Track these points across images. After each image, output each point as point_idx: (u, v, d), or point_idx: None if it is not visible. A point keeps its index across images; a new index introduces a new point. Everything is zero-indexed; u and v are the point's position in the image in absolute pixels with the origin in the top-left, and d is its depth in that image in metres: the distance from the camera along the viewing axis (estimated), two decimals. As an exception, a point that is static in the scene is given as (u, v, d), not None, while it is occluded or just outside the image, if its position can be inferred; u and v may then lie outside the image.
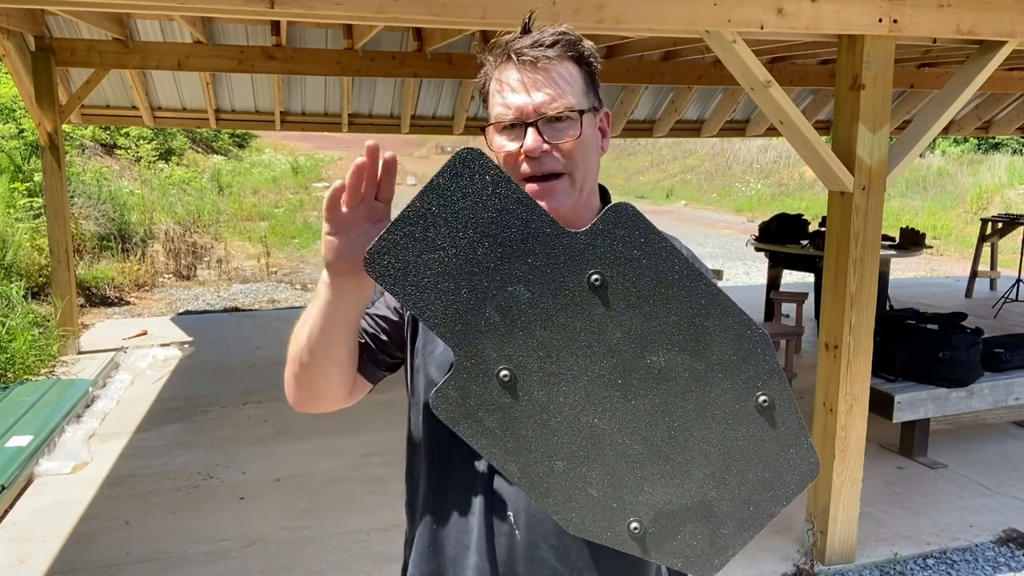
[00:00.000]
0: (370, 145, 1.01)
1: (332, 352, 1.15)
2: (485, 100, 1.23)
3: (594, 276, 0.91)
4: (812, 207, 14.54)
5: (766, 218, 7.81)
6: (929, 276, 11.24)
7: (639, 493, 0.97)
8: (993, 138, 17.21)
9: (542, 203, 1.14)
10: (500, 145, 1.18)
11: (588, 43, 1.20)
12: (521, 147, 1.15)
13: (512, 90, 1.16)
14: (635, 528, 0.97)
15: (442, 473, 1.24)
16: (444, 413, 0.95)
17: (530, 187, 1.16)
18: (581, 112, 1.17)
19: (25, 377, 5.58)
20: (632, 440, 0.96)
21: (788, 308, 6.84)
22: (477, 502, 1.20)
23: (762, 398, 0.96)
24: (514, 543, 1.18)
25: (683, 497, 0.97)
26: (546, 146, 1.15)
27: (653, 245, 0.92)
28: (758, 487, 0.98)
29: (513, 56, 1.16)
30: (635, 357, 0.94)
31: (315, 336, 1.14)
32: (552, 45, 1.15)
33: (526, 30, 1.18)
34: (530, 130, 1.15)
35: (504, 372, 0.93)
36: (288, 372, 1.20)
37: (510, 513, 1.18)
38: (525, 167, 1.16)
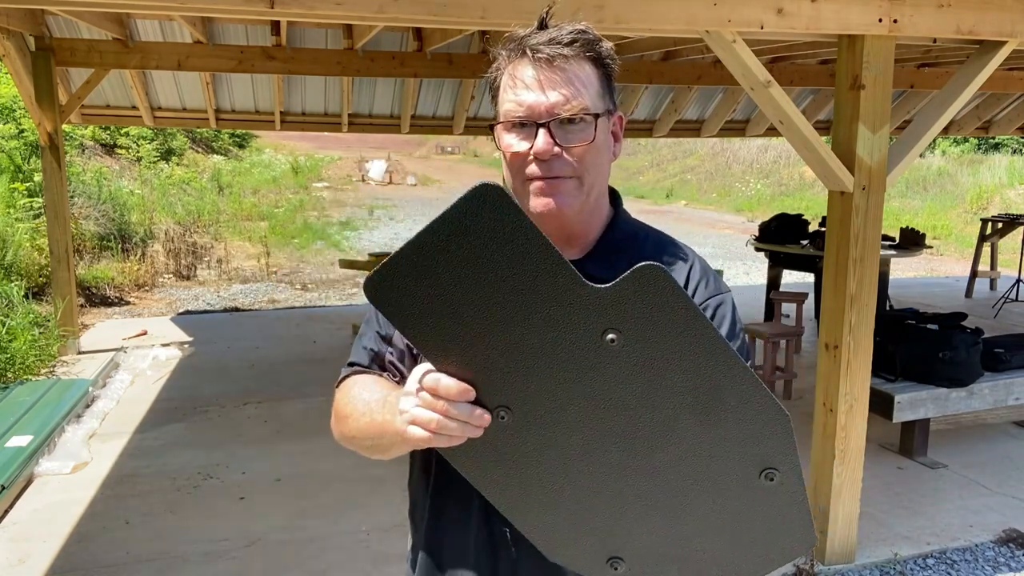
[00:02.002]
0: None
1: (394, 455, 1.11)
2: (495, 95, 1.18)
3: (610, 335, 0.86)
4: (812, 207, 14.54)
5: (766, 218, 7.81)
6: (929, 276, 11.24)
7: (627, 535, 0.95)
8: (993, 138, 17.21)
9: (548, 200, 1.12)
10: (508, 144, 1.14)
11: (607, 43, 1.15)
12: (531, 148, 1.11)
13: (526, 87, 1.11)
14: (615, 567, 0.96)
15: (442, 485, 1.23)
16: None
17: (536, 185, 1.13)
18: (596, 116, 1.12)
19: (25, 377, 5.58)
20: (626, 490, 0.93)
21: (788, 308, 6.84)
22: (476, 518, 1.18)
23: (768, 472, 0.93)
24: (515, 564, 1.17)
25: (671, 546, 0.96)
26: (557, 149, 1.11)
27: (679, 312, 0.86)
28: (750, 550, 0.97)
29: (529, 52, 1.11)
30: (642, 417, 0.90)
31: (390, 445, 1.06)
32: (570, 44, 1.10)
33: (543, 25, 1.13)
34: (541, 131, 1.10)
35: (502, 413, 0.90)
36: (351, 446, 1.20)
37: (507, 531, 1.16)
38: (533, 168, 1.12)
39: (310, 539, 3.57)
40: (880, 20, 3.02)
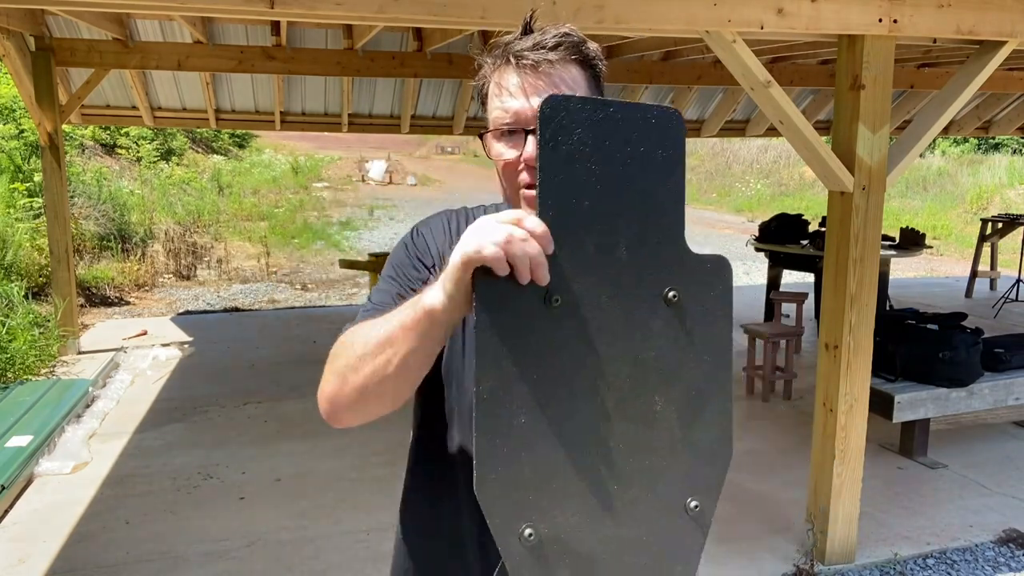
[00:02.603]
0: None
1: (430, 357, 1.02)
2: (484, 104, 1.18)
3: (672, 292, 0.93)
4: (812, 207, 14.54)
5: (766, 218, 7.81)
6: (929, 276, 11.24)
7: (556, 507, 0.92)
8: (993, 138, 17.21)
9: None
10: (499, 153, 1.13)
11: (593, 45, 1.14)
12: (520, 155, 1.11)
13: (511, 95, 1.11)
14: (529, 535, 0.90)
15: (432, 479, 1.23)
16: (480, 284, 0.88)
17: (527, 193, 1.11)
18: None
19: (25, 377, 5.58)
20: (591, 454, 0.93)
21: (788, 308, 6.84)
22: (467, 514, 1.18)
23: (694, 503, 0.96)
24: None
25: (584, 540, 0.93)
26: None
27: (724, 309, 0.95)
28: None
29: (512, 59, 1.11)
30: (648, 387, 0.94)
31: (414, 350, 0.98)
32: (554, 48, 1.10)
33: (527, 30, 1.13)
34: (531, 138, 1.08)
35: (557, 298, 0.90)
36: (354, 387, 1.04)
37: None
38: (525, 176, 1.11)
39: (310, 539, 3.57)
40: (880, 20, 3.02)
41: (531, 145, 1.09)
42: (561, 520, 0.92)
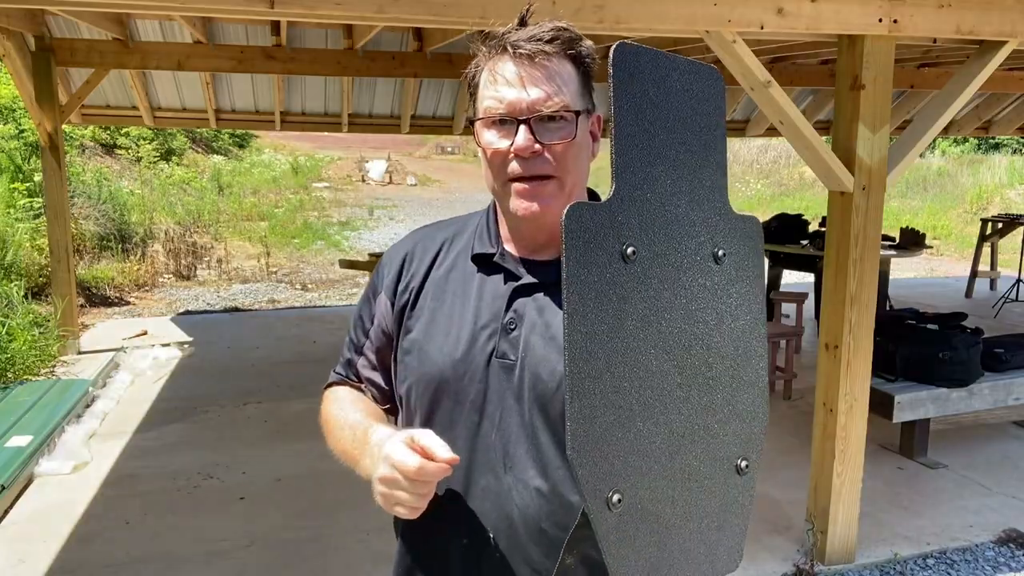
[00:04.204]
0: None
1: None
2: (473, 93, 1.17)
3: (720, 251, 0.97)
4: (812, 207, 14.54)
5: (766, 218, 7.81)
6: (929, 276, 11.24)
7: (640, 475, 0.93)
8: (993, 138, 17.21)
9: (530, 204, 1.11)
10: (489, 142, 1.12)
11: (587, 42, 1.14)
12: (511, 145, 1.10)
13: (506, 83, 1.10)
14: (617, 500, 0.91)
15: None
16: (569, 224, 0.89)
17: (517, 186, 1.11)
18: (576, 113, 1.11)
19: (25, 377, 5.58)
20: (664, 424, 0.94)
21: (788, 308, 6.83)
22: (464, 524, 1.17)
23: (744, 463, 1.00)
24: (495, 562, 1.15)
25: (661, 507, 0.95)
26: (537, 146, 1.09)
27: (758, 267, 1.00)
28: (704, 544, 0.98)
29: (509, 48, 1.10)
30: (705, 347, 0.97)
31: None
32: (551, 41, 1.10)
33: (523, 23, 1.13)
34: (522, 128, 1.09)
35: (631, 248, 0.93)
36: (329, 444, 1.28)
37: (491, 534, 1.14)
38: (514, 166, 1.11)
39: (310, 539, 3.57)
40: (880, 20, 3.02)
41: (522, 136, 1.09)
42: (643, 485, 0.94)
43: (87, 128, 12.54)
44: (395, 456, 1.01)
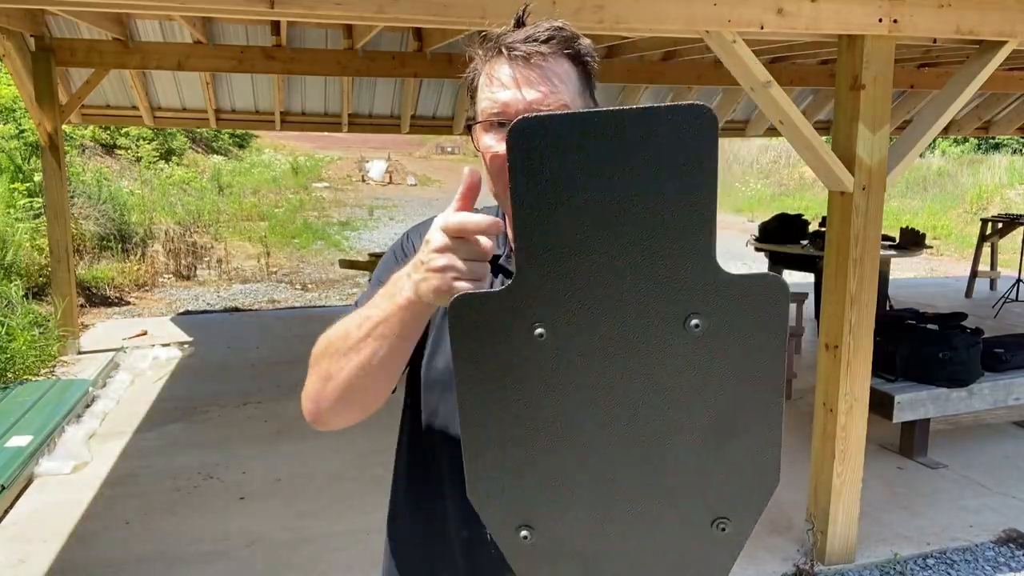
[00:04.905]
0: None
1: (404, 353, 1.05)
2: (472, 96, 1.16)
3: (695, 321, 0.81)
4: (812, 207, 14.53)
5: (766, 218, 7.80)
6: (929, 276, 11.24)
7: (557, 515, 0.88)
8: (993, 138, 17.21)
9: None
10: (487, 145, 1.12)
11: (585, 40, 1.13)
12: None
13: (503, 86, 1.09)
14: (524, 536, 0.88)
15: (420, 485, 1.23)
16: (457, 314, 0.83)
17: None
18: None
19: (25, 377, 5.58)
20: (596, 468, 0.87)
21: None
22: (453, 518, 1.18)
23: (722, 525, 0.89)
24: (493, 556, 1.14)
25: (588, 547, 0.89)
26: None
27: (774, 335, 0.82)
28: None
29: (505, 50, 1.10)
30: (665, 408, 0.86)
31: (384, 355, 1.03)
32: (547, 41, 1.09)
33: (519, 23, 1.12)
34: None
35: (541, 330, 0.83)
36: (335, 386, 1.09)
37: (487, 532, 1.13)
38: None
39: (310, 539, 3.57)
40: (880, 20, 3.02)
41: None
42: (561, 527, 0.88)
43: (87, 128, 12.54)
44: (443, 223, 0.90)
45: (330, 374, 1.09)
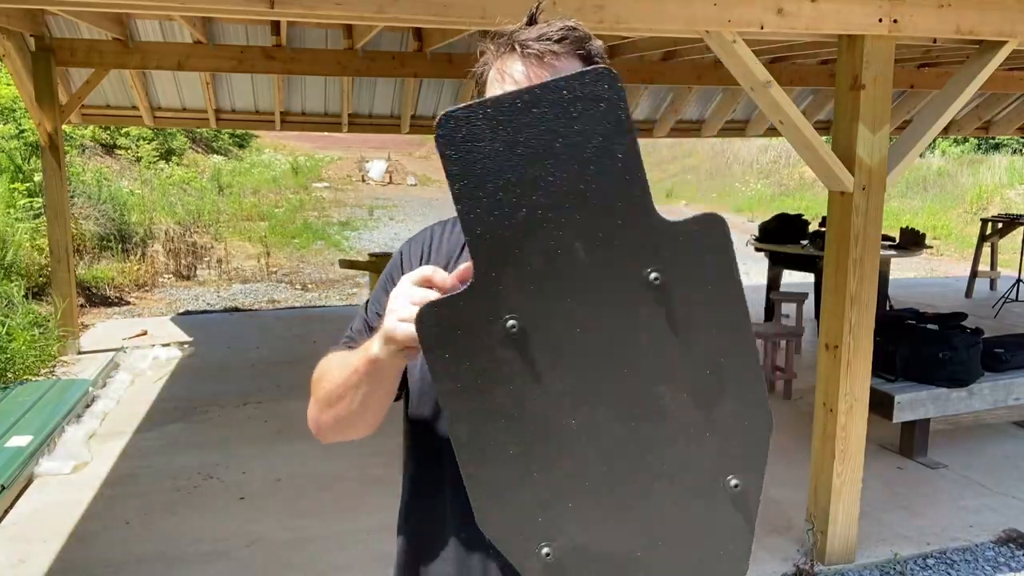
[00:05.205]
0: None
1: (386, 397, 1.12)
2: (481, 91, 1.17)
3: (654, 274, 0.82)
4: (812, 207, 14.53)
5: (766, 218, 7.80)
6: (929, 276, 11.24)
7: (570, 521, 0.88)
8: (993, 138, 17.21)
9: None
10: None
11: (598, 42, 1.15)
12: None
13: (514, 83, 1.10)
14: (546, 554, 0.88)
15: (421, 485, 1.24)
16: (425, 329, 0.84)
17: None
18: None
19: (25, 377, 5.58)
20: (596, 462, 0.87)
21: (788, 308, 6.83)
22: (451, 521, 1.19)
23: (734, 482, 0.88)
24: (492, 553, 1.15)
25: (609, 544, 0.89)
26: None
27: (726, 273, 0.83)
28: (684, 569, 0.91)
29: (518, 47, 1.11)
30: (647, 380, 0.85)
31: (368, 392, 1.08)
32: (560, 40, 1.10)
33: (532, 21, 1.13)
34: None
35: (512, 322, 0.83)
36: (328, 417, 1.16)
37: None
38: None
39: (310, 539, 3.57)
40: (880, 20, 3.02)
41: None
42: (578, 531, 0.88)
43: (87, 128, 12.54)
44: (410, 278, 0.95)
45: (325, 404, 1.16)
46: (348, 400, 1.10)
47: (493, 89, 1.13)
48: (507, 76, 1.11)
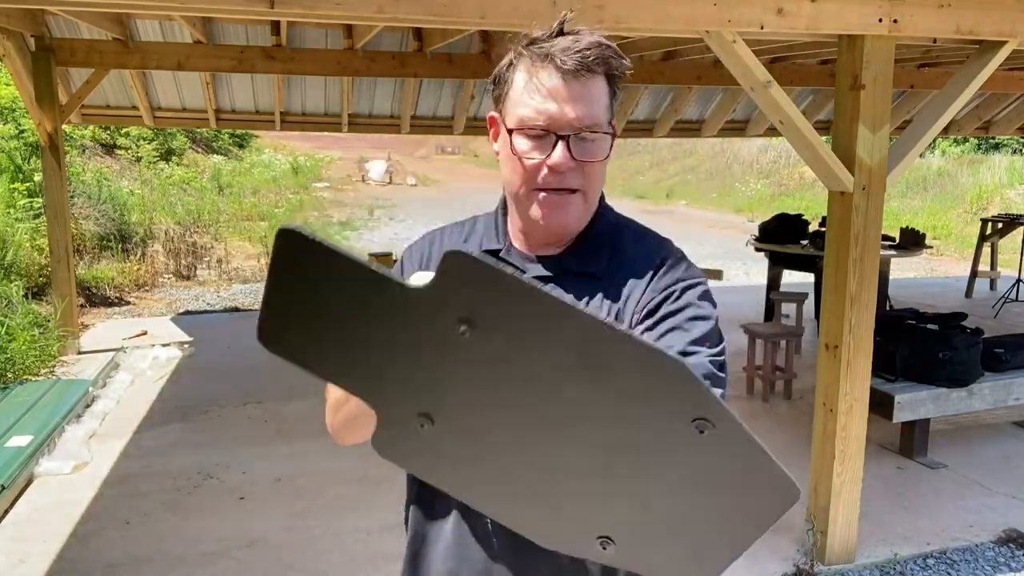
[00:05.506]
0: None
1: None
2: (503, 92, 1.17)
3: (461, 328, 0.81)
4: (812, 207, 14.53)
5: (766, 218, 7.81)
6: (929, 276, 11.24)
7: (597, 511, 0.90)
8: (993, 138, 17.21)
9: (557, 214, 1.15)
10: (524, 151, 1.14)
11: (625, 61, 1.16)
12: (546, 158, 1.12)
13: (549, 96, 1.11)
14: (604, 546, 0.90)
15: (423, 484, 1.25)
16: (390, 458, 0.90)
17: (545, 196, 1.15)
18: (611, 134, 1.15)
19: (25, 377, 5.58)
20: (573, 462, 0.88)
21: (788, 308, 6.84)
22: (455, 513, 1.21)
23: (698, 424, 0.85)
24: (493, 552, 1.18)
25: (646, 515, 0.91)
26: (573, 162, 1.12)
27: (503, 284, 0.81)
28: (731, 513, 0.91)
29: (555, 60, 1.10)
30: (544, 393, 0.84)
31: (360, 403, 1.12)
32: (595, 59, 1.11)
33: (562, 31, 1.14)
34: (560, 144, 1.11)
35: (422, 422, 0.87)
36: (338, 421, 1.22)
37: (487, 522, 1.17)
38: (546, 177, 1.13)
39: (310, 539, 3.57)
40: (880, 20, 3.02)
41: (561, 152, 1.11)
42: (618, 519, 0.90)
43: (87, 128, 12.54)
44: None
45: (333, 409, 1.21)
46: (349, 406, 1.14)
47: (524, 98, 1.13)
48: (541, 88, 1.12)
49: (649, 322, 1.15)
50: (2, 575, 3.26)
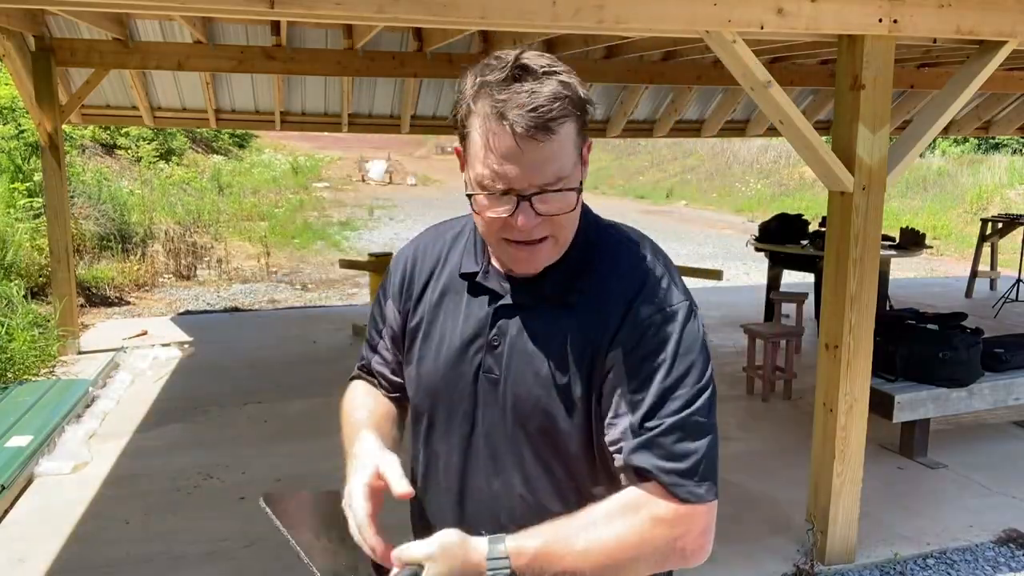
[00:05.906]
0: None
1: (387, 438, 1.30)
2: (460, 130, 1.11)
3: None
4: (812, 207, 14.52)
5: (766, 218, 7.80)
6: (929, 276, 11.24)
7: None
8: (993, 138, 17.21)
9: (528, 262, 1.15)
10: (485, 208, 1.10)
11: (586, 93, 1.09)
12: (510, 216, 1.08)
13: (506, 160, 1.05)
14: None
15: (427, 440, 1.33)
16: None
17: (516, 248, 1.12)
18: (577, 189, 1.09)
19: (25, 377, 5.57)
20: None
21: (788, 308, 6.83)
22: (456, 516, 1.25)
23: None
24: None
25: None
26: (538, 219, 1.08)
27: None
28: None
29: (512, 123, 1.03)
30: None
31: None
32: (552, 117, 1.03)
33: (516, 77, 1.05)
34: (523, 206, 1.07)
35: None
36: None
37: (483, 532, 1.16)
38: (513, 232, 1.10)
39: (310, 539, 3.57)
40: (880, 20, 3.02)
41: (524, 215, 1.08)
42: None
43: (87, 128, 12.53)
44: (352, 502, 1.20)
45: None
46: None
47: (481, 154, 1.07)
48: (497, 150, 1.05)
49: (629, 363, 1.13)
50: (2, 575, 3.26)
